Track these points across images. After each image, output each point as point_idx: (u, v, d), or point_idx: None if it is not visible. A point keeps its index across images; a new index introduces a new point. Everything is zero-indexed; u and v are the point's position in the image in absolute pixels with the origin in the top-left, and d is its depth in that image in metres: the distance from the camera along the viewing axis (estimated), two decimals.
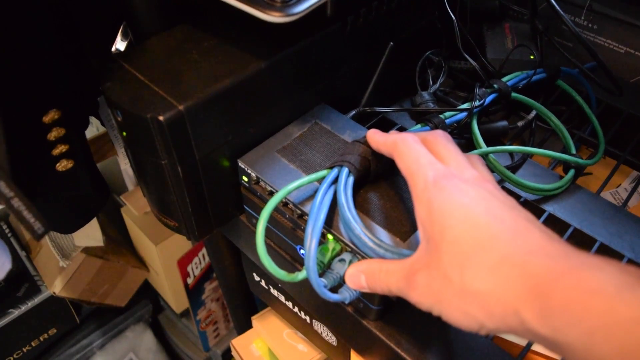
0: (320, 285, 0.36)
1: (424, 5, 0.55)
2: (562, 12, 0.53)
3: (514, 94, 0.54)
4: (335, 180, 0.39)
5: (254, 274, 0.61)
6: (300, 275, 0.37)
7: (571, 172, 0.50)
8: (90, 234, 0.77)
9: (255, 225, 0.47)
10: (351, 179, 0.39)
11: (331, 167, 0.40)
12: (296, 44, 0.43)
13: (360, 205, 0.40)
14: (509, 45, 0.59)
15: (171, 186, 0.42)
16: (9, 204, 0.34)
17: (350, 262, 0.38)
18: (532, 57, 0.57)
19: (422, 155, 0.34)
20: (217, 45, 0.43)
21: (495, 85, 0.53)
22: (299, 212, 0.41)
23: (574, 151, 0.52)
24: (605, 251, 0.45)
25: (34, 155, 0.41)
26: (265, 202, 0.43)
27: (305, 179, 0.39)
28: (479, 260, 0.28)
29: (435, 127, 0.47)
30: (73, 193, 0.47)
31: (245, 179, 0.44)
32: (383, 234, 0.38)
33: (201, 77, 0.40)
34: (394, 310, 0.43)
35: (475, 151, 0.48)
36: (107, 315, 0.99)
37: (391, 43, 0.49)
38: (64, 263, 0.74)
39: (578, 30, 0.65)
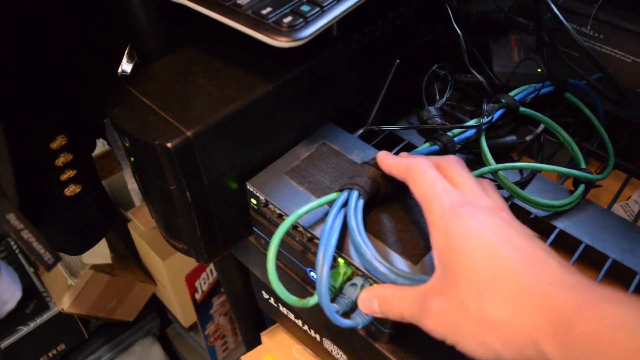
0: (332, 311, 0.36)
1: (429, 20, 0.55)
2: (567, 24, 0.53)
3: (521, 108, 0.53)
4: (345, 203, 0.39)
5: (263, 292, 0.61)
6: (312, 301, 0.37)
7: (581, 187, 0.50)
8: (98, 252, 0.77)
9: (264, 247, 0.47)
10: (361, 202, 0.39)
11: (341, 190, 0.40)
12: (302, 65, 0.43)
13: (371, 227, 0.40)
14: (515, 58, 0.58)
15: (180, 211, 0.42)
16: (19, 235, 0.34)
17: (362, 286, 0.37)
18: (539, 70, 0.57)
19: (437, 181, 0.34)
20: (223, 68, 0.43)
21: (502, 100, 0.53)
22: (309, 235, 0.40)
23: (583, 165, 0.51)
24: (618, 268, 0.45)
25: (42, 182, 0.41)
26: (274, 224, 0.43)
27: (315, 202, 0.39)
28: (497, 289, 0.28)
29: (445, 145, 0.46)
30: (81, 216, 0.47)
31: (254, 201, 0.44)
32: (395, 258, 0.37)
33: (208, 102, 0.39)
34: (406, 332, 0.42)
35: (485, 168, 0.48)
36: (115, 330, 0.99)
37: (397, 60, 0.49)
38: (72, 281, 0.74)
39: (583, 40, 0.64)
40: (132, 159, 0.41)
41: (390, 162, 0.38)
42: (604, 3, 0.64)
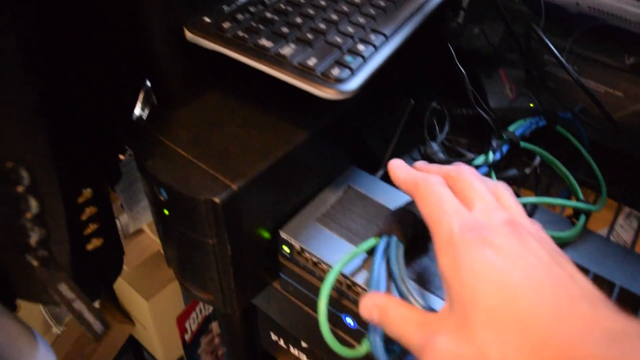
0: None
1: (435, 60, 0.56)
2: (562, 59, 0.56)
3: (522, 143, 0.56)
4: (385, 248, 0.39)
5: (271, 333, 0.60)
6: (364, 351, 0.37)
7: (582, 218, 0.52)
8: None
9: (293, 294, 0.47)
10: (402, 248, 0.39)
11: (379, 236, 0.40)
12: (334, 112, 0.43)
13: (411, 268, 0.40)
14: (507, 93, 0.61)
15: (215, 264, 0.41)
16: (70, 306, 0.32)
17: None
18: (531, 105, 0.60)
19: (446, 200, 0.31)
20: (254, 116, 0.42)
21: (504, 136, 0.55)
22: (348, 282, 0.40)
23: (581, 197, 0.54)
24: (626, 294, 0.48)
25: (70, 240, 0.39)
26: (309, 272, 0.43)
27: (356, 249, 0.39)
28: (522, 340, 0.24)
29: None
30: (98, 269, 0.45)
31: (286, 249, 0.43)
32: (438, 303, 0.38)
33: (247, 153, 0.39)
34: None
35: None
36: None
37: (412, 101, 0.50)
38: (57, 330, 0.69)
39: (559, 72, 0.68)
40: (166, 211, 0.40)
41: (399, 175, 0.36)
42: (579, 36, 0.68)
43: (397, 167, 0.37)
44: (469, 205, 0.31)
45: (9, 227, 0.29)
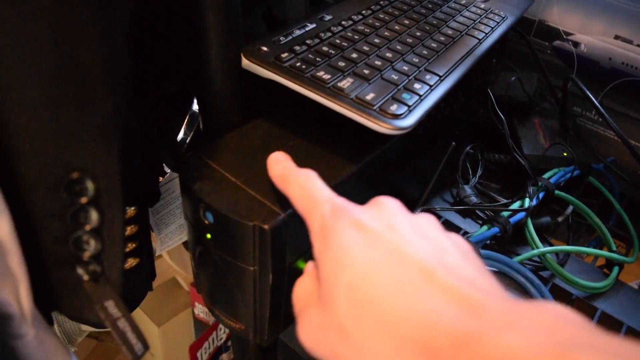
0: None
1: (475, 104, 0.57)
2: (603, 112, 0.57)
3: (556, 191, 0.56)
4: None
5: None
6: None
7: (616, 269, 0.52)
8: None
9: None
10: None
11: None
12: (381, 147, 0.43)
13: None
14: (542, 141, 0.61)
15: (253, 292, 0.40)
16: (114, 325, 0.31)
17: None
18: (565, 154, 0.60)
19: (318, 190, 0.31)
20: (302, 146, 0.42)
21: (540, 183, 0.55)
22: None
23: (614, 248, 0.54)
24: None
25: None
26: None
27: None
28: (379, 316, 0.24)
29: (504, 227, 0.48)
30: (129, 290, 0.44)
31: None
32: None
33: None
34: None
35: (535, 251, 0.49)
36: None
37: (453, 143, 0.50)
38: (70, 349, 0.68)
39: (587, 124, 0.69)
40: (209, 236, 0.39)
41: (274, 171, 0.35)
42: (610, 90, 0.69)
43: (274, 160, 0.36)
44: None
45: (65, 239, 0.29)
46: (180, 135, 0.47)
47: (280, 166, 0.35)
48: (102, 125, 0.26)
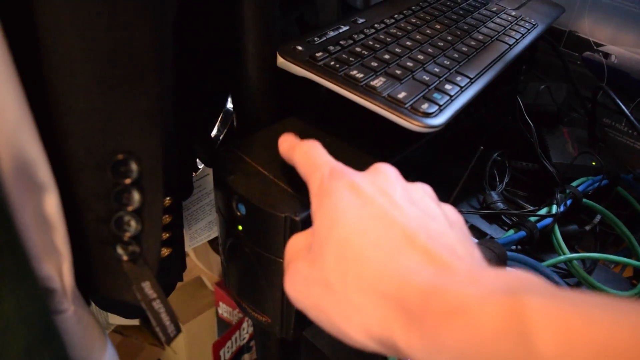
0: None
1: (503, 111, 0.58)
2: (635, 122, 0.57)
3: (584, 200, 0.56)
4: None
5: None
6: None
7: None
8: None
9: None
10: None
11: None
12: (411, 147, 0.44)
13: None
14: (570, 150, 0.61)
15: (282, 285, 0.41)
16: (150, 305, 0.32)
17: None
18: (593, 163, 0.60)
19: (319, 156, 0.33)
20: (333, 144, 0.43)
21: (568, 191, 0.55)
22: None
23: None
24: None
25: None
26: None
27: None
28: (363, 271, 0.26)
29: (531, 232, 0.48)
30: (164, 279, 0.46)
31: None
32: None
33: None
34: None
35: (561, 257, 0.49)
36: None
37: (481, 147, 0.51)
38: None
39: (617, 135, 0.69)
40: (240, 227, 0.40)
41: (281, 147, 0.37)
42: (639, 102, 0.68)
43: (282, 140, 0.38)
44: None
45: (108, 219, 0.30)
46: (214, 132, 0.49)
47: (288, 141, 0.37)
48: (150, 108, 0.28)
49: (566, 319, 0.19)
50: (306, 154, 0.34)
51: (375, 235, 0.26)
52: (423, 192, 0.31)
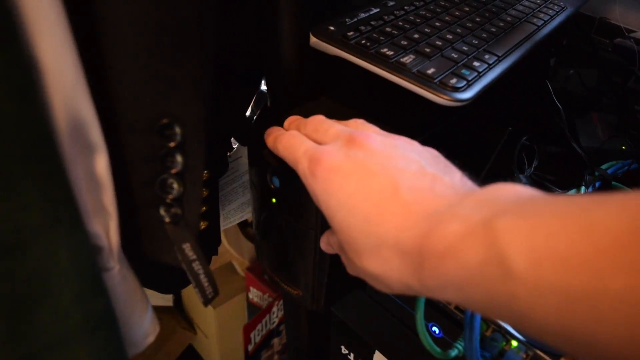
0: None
1: (532, 96, 0.58)
2: None
3: (613, 182, 0.56)
4: None
5: (342, 346, 0.61)
6: (453, 354, 0.38)
7: None
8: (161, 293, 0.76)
9: (378, 299, 0.48)
10: None
11: None
12: (441, 125, 0.45)
13: None
14: (599, 135, 0.61)
15: (314, 256, 0.42)
16: (190, 266, 0.34)
17: (502, 343, 0.38)
18: (623, 147, 0.60)
19: (298, 146, 0.34)
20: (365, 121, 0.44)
21: (597, 173, 0.55)
22: None
23: None
24: None
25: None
26: None
27: None
28: (364, 246, 0.29)
29: None
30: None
31: None
32: None
33: None
34: None
35: None
36: None
37: (509, 128, 0.51)
38: None
39: None
40: (274, 200, 0.42)
41: (268, 143, 0.38)
42: None
43: (267, 133, 0.39)
44: (322, 139, 0.34)
45: (152, 181, 0.32)
46: (248, 112, 0.50)
47: (272, 136, 0.38)
48: (194, 74, 0.29)
49: (532, 236, 0.21)
50: (286, 148, 0.35)
51: (365, 204, 0.29)
52: (394, 140, 0.33)
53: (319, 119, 0.36)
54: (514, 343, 0.39)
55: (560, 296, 0.20)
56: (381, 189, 0.29)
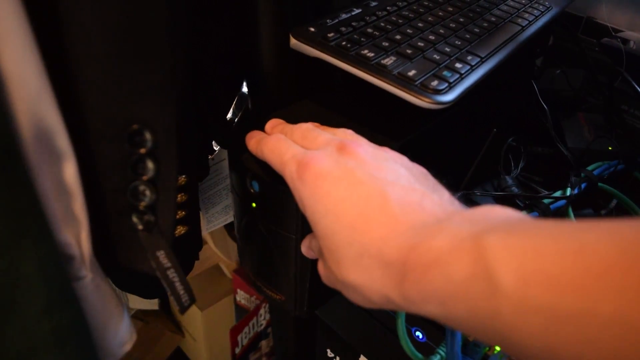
0: None
1: (517, 97, 0.58)
2: None
3: (599, 183, 0.55)
4: None
5: (328, 350, 0.60)
6: (435, 359, 0.37)
7: None
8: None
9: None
10: None
11: None
12: (423, 127, 0.44)
13: None
14: (586, 135, 0.61)
15: (295, 261, 0.42)
16: (164, 274, 0.34)
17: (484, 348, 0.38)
18: (610, 148, 0.59)
19: (284, 151, 0.33)
20: (347, 125, 0.44)
21: (583, 174, 0.55)
22: None
23: None
24: None
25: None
26: None
27: None
28: (346, 255, 0.28)
29: (542, 212, 0.48)
30: (180, 258, 0.47)
31: None
32: None
33: None
34: None
35: None
36: None
37: (494, 130, 0.51)
38: None
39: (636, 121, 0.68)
40: (254, 205, 0.41)
41: (250, 146, 0.38)
42: None
43: (249, 137, 0.38)
44: (310, 146, 0.34)
45: (124, 188, 0.31)
46: (229, 115, 0.50)
47: (254, 140, 0.38)
48: (162, 80, 0.29)
49: (521, 254, 0.21)
50: (272, 151, 0.34)
51: (352, 212, 0.28)
52: (385, 153, 0.33)
53: (307, 126, 0.36)
54: (497, 348, 0.39)
55: (546, 315, 0.20)
56: (370, 199, 0.28)
